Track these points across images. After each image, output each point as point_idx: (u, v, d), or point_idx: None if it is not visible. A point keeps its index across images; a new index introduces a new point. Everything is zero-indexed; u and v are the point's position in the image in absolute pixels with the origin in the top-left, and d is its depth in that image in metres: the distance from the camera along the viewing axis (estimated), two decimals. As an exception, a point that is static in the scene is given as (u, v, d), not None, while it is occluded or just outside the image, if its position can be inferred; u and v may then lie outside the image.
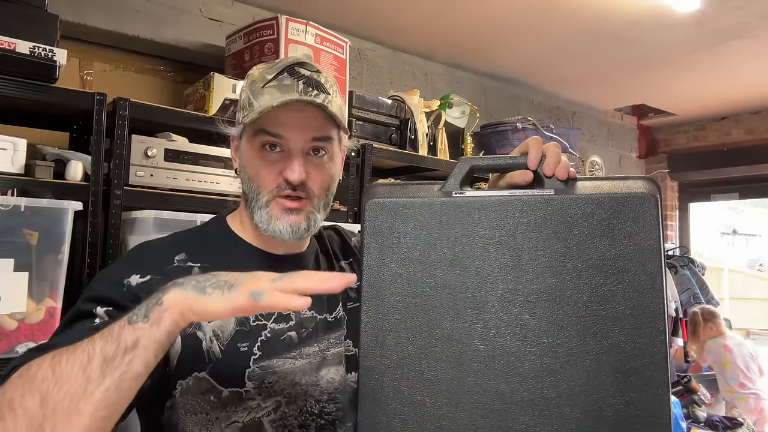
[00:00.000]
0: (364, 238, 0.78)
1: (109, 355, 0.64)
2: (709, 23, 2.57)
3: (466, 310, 0.73)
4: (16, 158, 1.43)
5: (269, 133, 0.86)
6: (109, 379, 0.63)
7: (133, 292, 0.81)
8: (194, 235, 0.95)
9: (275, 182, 0.87)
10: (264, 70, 0.89)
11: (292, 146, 0.86)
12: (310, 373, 0.90)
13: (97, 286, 0.83)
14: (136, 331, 0.65)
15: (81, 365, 0.64)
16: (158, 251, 0.89)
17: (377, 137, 2.29)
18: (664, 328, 0.69)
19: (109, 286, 0.82)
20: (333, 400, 0.92)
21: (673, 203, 4.59)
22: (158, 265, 0.86)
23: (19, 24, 1.44)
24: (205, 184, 1.72)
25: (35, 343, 1.35)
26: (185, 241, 0.92)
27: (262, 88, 0.86)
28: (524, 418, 0.70)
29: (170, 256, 0.88)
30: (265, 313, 0.88)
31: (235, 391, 0.84)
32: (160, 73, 2.33)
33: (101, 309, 0.79)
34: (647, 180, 0.74)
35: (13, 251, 1.32)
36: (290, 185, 0.86)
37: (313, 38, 2.06)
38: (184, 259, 0.88)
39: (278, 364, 0.87)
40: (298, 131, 0.86)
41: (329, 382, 0.92)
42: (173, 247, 0.90)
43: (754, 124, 4.03)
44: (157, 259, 0.87)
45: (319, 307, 0.95)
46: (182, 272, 0.84)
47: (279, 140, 0.86)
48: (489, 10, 2.51)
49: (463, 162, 0.79)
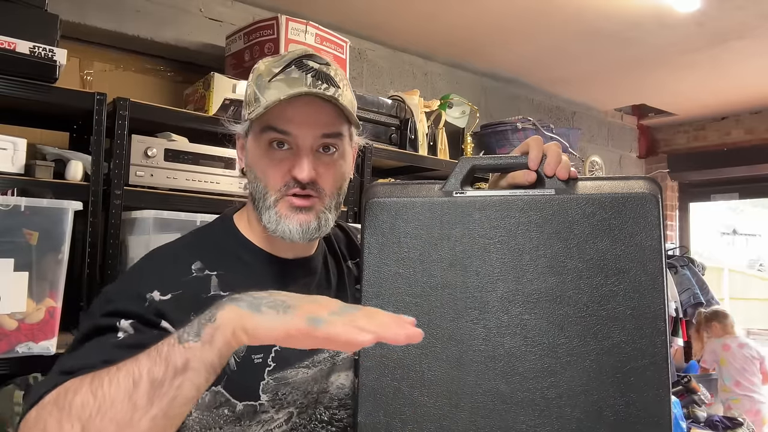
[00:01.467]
0: (365, 237, 0.78)
1: (157, 379, 0.59)
2: (709, 23, 2.57)
3: (467, 310, 0.73)
4: (16, 158, 1.43)
5: (276, 129, 0.81)
6: (157, 407, 0.58)
7: (156, 307, 0.77)
8: (204, 239, 0.91)
9: (283, 181, 0.82)
10: (270, 64, 0.85)
11: (300, 143, 0.81)
12: (321, 380, 0.88)
13: (115, 301, 0.78)
14: (186, 352, 0.59)
15: (126, 390, 0.58)
16: (172, 261, 0.85)
17: (377, 137, 2.28)
18: (664, 329, 0.69)
19: (129, 301, 0.77)
20: (343, 407, 0.90)
21: (673, 203, 4.59)
22: (176, 277, 0.81)
23: (19, 24, 1.44)
24: (205, 184, 1.72)
25: (35, 343, 1.35)
26: (197, 247, 0.88)
27: (268, 82, 0.81)
28: (524, 418, 0.70)
29: (186, 266, 0.84)
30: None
31: (249, 405, 0.81)
32: (160, 73, 2.32)
33: (125, 322, 0.74)
34: (648, 180, 0.74)
35: (13, 251, 1.32)
36: (299, 184, 0.81)
37: (313, 38, 2.06)
38: (201, 267, 0.84)
39: (291, 374, 0.85)
40: (306, 127, 0.81)
41: (339, 388, 0.90)
42: (187, 254, 0.86)
43: (754, 124, 4.03)
44: (173, 270, 0.83)
45: None
46: (201, 282, 0.82)
47: (287, 137, 0.81)
48: (489, 10, 2.51)
49: (464, 162, 0.79)
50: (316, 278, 0.93)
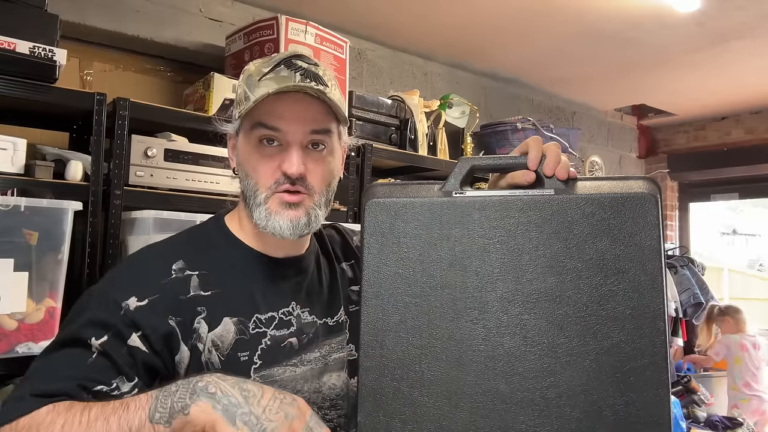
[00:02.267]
0: (364, 238, 0.78)
1: None
2: (709, 23, 2.57)
3: (466, 310, 0.73)
4: (16, 158, 1.43)
5: (266, 125, 0.83)
6: None
7: (130, 317, 0.78)
8: (192, 239, 0.92)
9: (273, 177, 0.84)
10: (260, 65, 0.86)
11: (290, 139, 0.83)
12: (312, 380, 0.88)
13: (93, 307, 0.80)
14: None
15: None
16: (154, 262, 0.86)
17: (377, 137, 2.29)
18: (664, 329, 0.69)
19: (105, 309, 0.79)
20: (335, 407, 0.90)
21: (673, 203, 4.59)
22: (155, 280, 0.82)
23: (19, 24, 1.44)
24: (205, 184, 1.72)
25: (35, 343, 1.35)
26: (182, 246, 0.89)
27: (258, 81, 0.83)
28: (524, 418, 0.70)
29: (167, 267, 0.84)
30: (264, 320, 0.86)
31: None
32: (160, 73, 2.33)
33: (96, 341, 0.76)
34: (647, 180, 0.74)
35: (13, 251, 1.32)
36: (289, 179, 0.83)
37: (313, 38, 2.06)
38: (182, 267, 0.85)
39: (279, 372, 0.85)
40: (295, 123, 0.83)
41: (331, 388, 0.90)
42: (170, 254, 0.86)
43: (754, 124, 4.03)
44: (152, 273, 0.84)
45: (319, 311, 0.92)
46: (180, 283, 0.83)
47: (276, 133, 0.83)
48: (489, 10, 2.51)
49: (463, 162, 0.79)
50: (307, 277, 0.93)
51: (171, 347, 0.80)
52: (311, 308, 0.91)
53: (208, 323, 0.82)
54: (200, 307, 0.83)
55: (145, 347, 0.77)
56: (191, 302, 0.82)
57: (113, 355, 0.75)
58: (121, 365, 0.75)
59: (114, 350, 0.75)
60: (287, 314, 0.88)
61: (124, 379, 0.75)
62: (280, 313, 0.87)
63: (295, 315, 0.89)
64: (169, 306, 0.80)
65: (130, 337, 0.77)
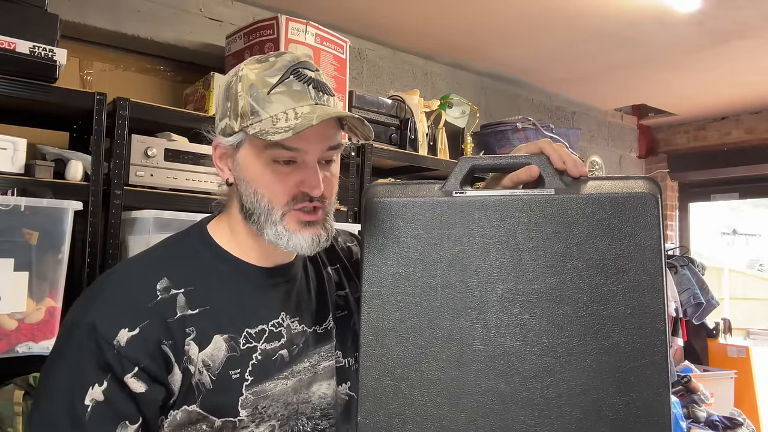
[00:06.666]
0: (365, 237, 0.78)
1: None
2: (709, 23, 2.57)
3: (467, 309, 0.73)
4: (16, 158, 1.43)
5: (287, 147, 0.78)
6: None
7: (124, 355, 0.74)
8: (173, 253, 0.87)
9: (290, 195, 0.80)
10: (261, 72, 0.80)
11: (309, 159, 0.80)
12: (302, 390, 0.87)
13: (79, 356, 0.75)
14: None
15: None
16: (137, 283, 0.81)
17: (377, 137, 2.29)
18: (664, 328, 0.69)
19: (96, 352, 0.74)
20: (326, 416, 0.89)
21: (673, 203, 4.58)
22: (142, 304, 0.78)
23: (19, 24, 1.44)
24: (205, 184, 1.72)
25: (35, 342, 1.35)
26: (164, 263, 0.84)
27: (267, 95, 0.78)
28: (524, 417, 0.70)
29: (151, 287, 0.80)
30: (255, 334, 0.84)
31: (228, 421, 0.80)
32: (160, 72, 2.32)
33: (89, 399, 0.73)
34: (648, 180, 0.74)
35: (13, 251, 1.32)
36: (307, 197, 0.80)
37: (313, 38, 2.06)
38: (167, 286, 0.81)
39: (270, 386, 0.84)
40: (315, 143, 0.79)
41: (321, 397, 0.89)
42: (152, 272, 0.82)
43: (754, 124, 4.03)
44: (138, 295, 0.79)
45: (308, 319, 0.91)
46: (166, 305, 0.79)
47: (295, 154, 0.79)
48: (489, 10, 2.51)
49: (464, 162, 0.79)
50: (296, 284, 0.91)
51: (168, 369, 0.78)
52: (300, 317, 0.90)
53: (198, 343, 0.80)
54: (189, 328, 0.80)
55: (144, 384, 0.75)
56: (179, 324, 0.79)
57: (112, 402, 0.73)
58: (122, 410, 0.74)
59: (113, 396, 0.74)
60: (277, 326, 0.86)
61: (127, 423, 0.74)
62: (270, 326, 0.86)
63: (285, 326, 0.87)
64: (160, 330, 0.78)
65: (128, 378, 0.75)
